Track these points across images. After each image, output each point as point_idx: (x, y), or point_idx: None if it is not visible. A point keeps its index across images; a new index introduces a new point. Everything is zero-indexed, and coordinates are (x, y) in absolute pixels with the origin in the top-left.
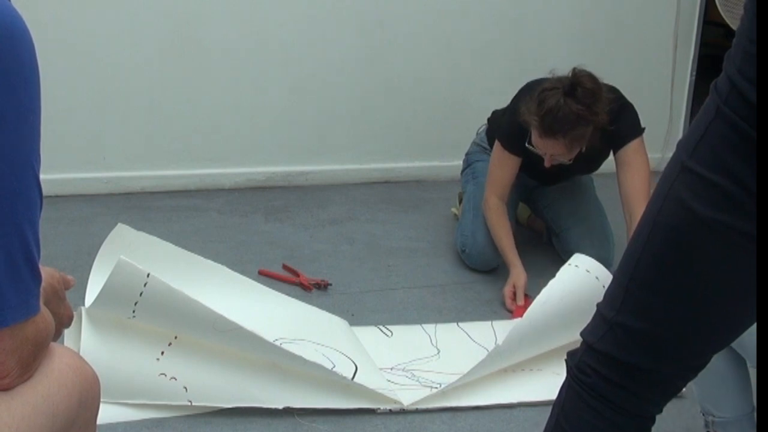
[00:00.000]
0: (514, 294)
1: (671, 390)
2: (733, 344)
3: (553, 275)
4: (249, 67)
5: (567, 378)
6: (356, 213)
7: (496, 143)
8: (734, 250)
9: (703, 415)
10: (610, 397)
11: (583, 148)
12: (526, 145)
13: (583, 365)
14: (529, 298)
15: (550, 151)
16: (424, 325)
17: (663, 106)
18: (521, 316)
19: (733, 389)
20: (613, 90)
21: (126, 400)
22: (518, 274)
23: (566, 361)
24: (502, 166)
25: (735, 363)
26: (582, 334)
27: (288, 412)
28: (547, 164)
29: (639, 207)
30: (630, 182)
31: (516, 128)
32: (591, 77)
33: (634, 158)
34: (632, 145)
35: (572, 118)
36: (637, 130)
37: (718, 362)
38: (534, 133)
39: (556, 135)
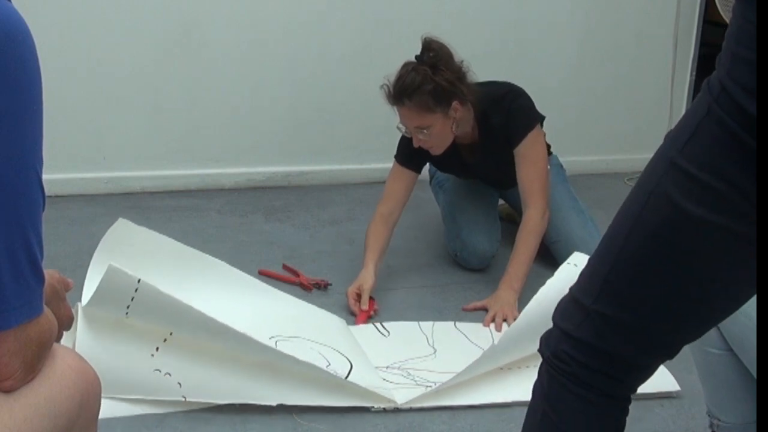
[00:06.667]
0: (359, 296)
1: (647, 374)
2: (735, 349)
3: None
4: (249, 67)
5: (545, 367)
6: (356, 213)
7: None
8: (723, 248)
9: (709, 416)
10: (593, 383)
11: (454, 127)
12: (397, 126)
13: (560, 353)
14: (373, 301)
15: (407, 122)
16: (421, 324)
17: (663, 106)
18: (364, 321)
19: (740, 396)
20: (507, 85)
21: (121, 396)
22: (367, 276)
23: (540, 350)
24: (395, 181)
25: (743, 370)
26: (554, 318)
27: (287, 411)
28: (415, 144)
29: (533, 201)
30: (524, 174)
31: (409, 141)
32: (438, 43)
33: (529, 150)
34: (529, 138)
35: (417, 80)
36: (530, 123)
37: (727, 369)
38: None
39: (402, 99)
